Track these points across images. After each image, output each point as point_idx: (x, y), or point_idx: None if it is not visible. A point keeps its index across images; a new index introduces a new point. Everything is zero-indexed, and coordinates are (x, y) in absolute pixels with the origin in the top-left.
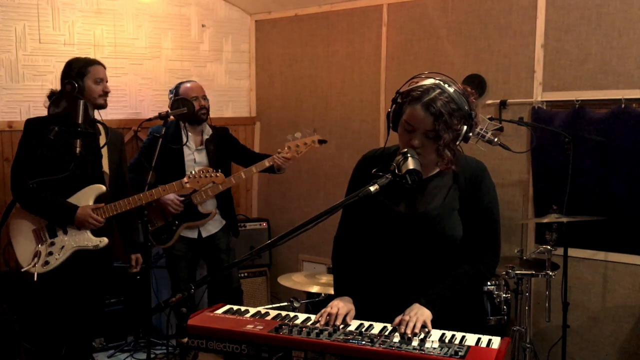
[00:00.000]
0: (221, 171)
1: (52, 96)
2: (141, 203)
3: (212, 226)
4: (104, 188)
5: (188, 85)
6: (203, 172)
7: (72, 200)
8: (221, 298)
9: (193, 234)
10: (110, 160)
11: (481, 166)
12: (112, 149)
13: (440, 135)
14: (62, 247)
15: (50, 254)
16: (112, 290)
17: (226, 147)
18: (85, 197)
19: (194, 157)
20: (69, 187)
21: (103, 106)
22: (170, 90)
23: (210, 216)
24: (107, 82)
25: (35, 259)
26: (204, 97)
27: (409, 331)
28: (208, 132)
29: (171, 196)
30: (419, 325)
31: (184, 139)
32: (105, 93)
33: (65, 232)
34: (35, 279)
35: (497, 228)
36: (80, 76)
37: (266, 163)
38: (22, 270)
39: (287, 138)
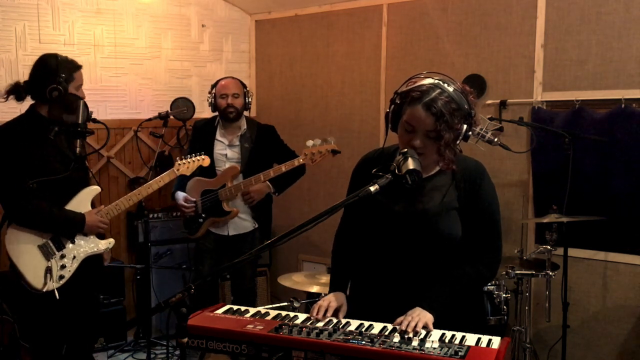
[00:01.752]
0: (255, 169)
1: (16, 90)
2: (141, 198)
3: (240, 226)
4: (99, 189)
5: (222, 82)
6: (192, 156)
7: (71, 206)
8: (236, 298)
9: (223, 231)
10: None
11: (480, 167)
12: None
13: (442, 135)
14: (74, 257)
15: (63, 267)
16: (110, 289)
17: (266, 146)
18: (83, 201)
19: (226, 153)
20: (67, 188)
21: None
22: (212, 85)
23: (231, 214)
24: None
25: (48, 276)
26: (235, 96)
27: (409, 329)
28: (243, 129)
29: (181, 198)
30: (420, 325)
31: (217, 134)
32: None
33: (73, 242)
34: (57, 297)
35: (497, 229)
36: (67, 82)
37: (296, 162)
38: (44, 291)
39: (307, 145)
